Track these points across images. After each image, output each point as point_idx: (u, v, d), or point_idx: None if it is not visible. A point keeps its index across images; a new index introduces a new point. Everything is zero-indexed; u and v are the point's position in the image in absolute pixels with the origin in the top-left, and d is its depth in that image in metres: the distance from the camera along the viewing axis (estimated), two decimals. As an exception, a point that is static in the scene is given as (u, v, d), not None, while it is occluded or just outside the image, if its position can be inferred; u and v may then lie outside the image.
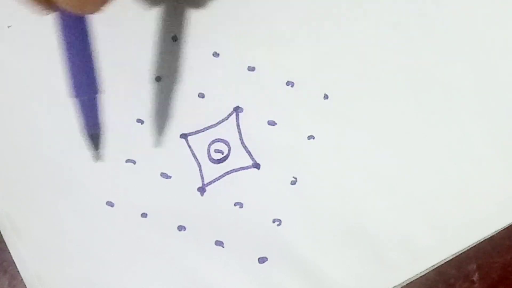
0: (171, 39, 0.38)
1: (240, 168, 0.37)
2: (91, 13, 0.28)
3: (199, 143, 0.37)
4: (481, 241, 0.37)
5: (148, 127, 0.37)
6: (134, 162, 0.37)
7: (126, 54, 0.38)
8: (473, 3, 0.38)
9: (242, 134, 0.37)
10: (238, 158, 0.37)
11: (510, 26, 0.38)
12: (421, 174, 0.37)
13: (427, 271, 0.36)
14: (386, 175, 0.37)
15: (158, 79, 0.38)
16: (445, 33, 0.38)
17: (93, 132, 0.31)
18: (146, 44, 0.38)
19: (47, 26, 0.38)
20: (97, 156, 0.33)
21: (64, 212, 0.36)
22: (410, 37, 0.38)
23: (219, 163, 0.37)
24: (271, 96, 0.38)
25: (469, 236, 0.36)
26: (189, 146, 0.37)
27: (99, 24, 0.38)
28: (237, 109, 0.37)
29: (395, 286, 0.36)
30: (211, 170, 0.37)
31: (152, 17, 0.38)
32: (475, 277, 0.37)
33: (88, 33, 0.29)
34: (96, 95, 0.30)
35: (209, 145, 0.37)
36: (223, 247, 0.36)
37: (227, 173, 0.37)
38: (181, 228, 0.36)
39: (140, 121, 0.37)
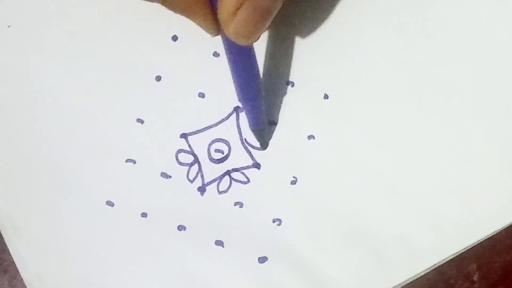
0: (171, 39, 0.38)
1: (240, 168, 0.37)
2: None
3: (199, 143, 0.37)
4: (481, 241, 0.37)
5: (148, 127, 0.37)
6: (134, 162, 0.37)
7: (126, 54, 0.38)
8: (473, 3, 0.38)
9: (242, 134, 0.37)
10: (238, 158, 0.37)
11: (510, 26, 0.38)
12: (421, 174, 0.37)
13: (427, 271, 0.36)
14: (386, 175, 0.37)
15: (158, 78, 0.38)
16: (445, 33, 0.38)
17: (259, 128, 0.36)
18: (146, 44, 0.38)
19: (47, 26, 0.38)
20: (264, 145, 0.37)
21: (64, 212, 0.36)
22: (410, 37, 0.38)
23: (219, 163, 0.37)
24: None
25: (469, 236, 0.36)
26: (189, 146, 0.37)
27: (99, 24, 0.38)
28: (237, 109, 0.37)
29: (395, 286, 0.36)
30: (211, 170, 0.37)
31: (152, 17, 0.38)
32: (475, 277, 0.37)
33: (252, 49, 0.32)
34: (260, 100, 0.35)
35: (209, 145, 0.37)
36: (223, 247, 0.36)
37: (227, 173, 0.37)
38: (181, 228, 0.36)
39: (140, 121, 0.37)
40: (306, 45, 0.38)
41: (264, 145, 0.37)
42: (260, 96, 0.35)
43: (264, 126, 0.36)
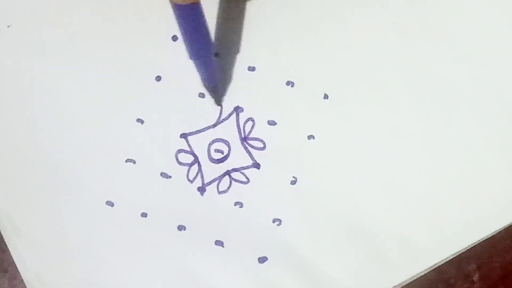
0: (171, 39, 0.38)
1: (240, 167, 0.37)
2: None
3: (199, 143, 0.37)
4: (481, 241, 0.37)
5: (148, 127, 0.37)
6: (134, 162, 0.37)
7: (126, 54, 0.38)
8: (473, 3, 0.38)
9: (242, 134, 0.37)
10: (238, 158, 0.37)
11: (510, 27, 0.38)
12: (421, 174, 0.37)
13: (427, 271, 0.36)
14: (386, 175, 0.37)
15: (158, 78, 0.38)
16: (445, 33, 0.38)
17: (212, 85, 0.37)
18: (146, 44, 0.38)
19: (47, 26, 0.38)
20: (218, 102, 0.38)
21: (64, 212, 0.36)
22: (410, 37, 0.38)
23: (219, 163, 0.37)
24: (271, 96, 0.38)
25: (469, 236, 0.36)
26: (189, 146, 0.37)
27: (99, 24, 0.38)
28: (237, 109, 0.37)
29: (395, 286, 0.36)
30: (211, 170, 0.37)
31: (152, 17, 0.38)
32: (475, 277, 0.37)
33: (201, 8, 0.33)
34: (211, 55, 0.35)
35: (209, 145, 0.37)
36: (223, 246, 0.36)
37: (227, 173, 0.37)
38: (181, 227, 0.36)
39: (140, 121, 0.37)
40: (306, 45, 0.38)
41: (218, 102, 0.37)
42: (211, 52, 0.35)
43: (216, 82, 0.37)
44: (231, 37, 0.38)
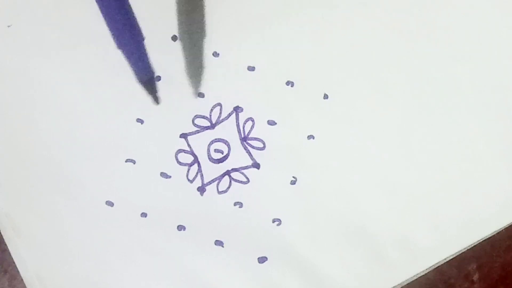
0: (171, 39, 0.38)
1: (240, 167, 0.37)
2: None
3: (199, 143, 0.37)
4: (481, 241, 0.37)
5: (148, 127, 0.37)
6: (134, 162, 0.37)
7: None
8: (474, 3, 0.38)
9: (242, 134, 0.37)
10: (238, 158, 0.37)
11: (510, 26, 0.38)
12: (421, 174, 0.37)
13: (427, 271, 0.36)
14: (386, 175, 0.37)
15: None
16: (445, 33, 0.38)
17: (146, 78, 0.34)
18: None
19: (47, 26, 0.38)
20: (156, 100, 0.36)
21: (64, 211, 0.36)
22: (410, 37, 0.38)
23: (219, 163, 0.37)
24: (271, 96, 0.38)
25: (469, 236, 0.36)
26: (189, 146, 0.37)
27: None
28: (237, 109, 0.37)
29: (395, 286, 0.36)
30: (211, 170, 0.37)
31: (152, 17, 0.38)
32: (475, 277, 0.37)
33: None
34: (141, 42, 0.33)
35: (209, 145, 0.37)
36: (223, 246, 0.36)
37: (227, 173, 0.37)
38: (181, 227, 0.36)
39: (140, 121, 0.37)
40: (306, 45, 0.38)
41: (156, 99, 0.36)
42: (139, 38, 0.34)
43: (151, 75, 0.35)
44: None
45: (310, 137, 0.37)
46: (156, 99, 0.36)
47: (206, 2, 0.38)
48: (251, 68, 0.38)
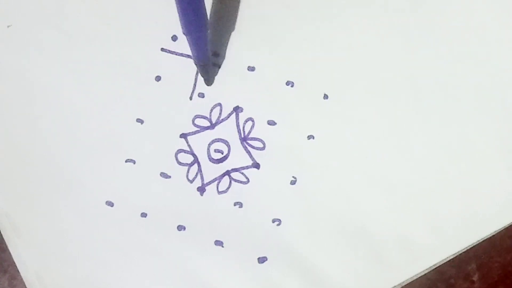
0: (171, 39, 0.38)
1: (240, 168, 0.37)
2: None
3: (199, 143, 0.37)
4: (481, 241, 0.37)
5: (148, 127, 0.37)
6: (134, 162, 0.37)
7: (126, 54, 0.38)
8: (474, 3, 0.38)
9: (242, 134, 0.37)
10: (238, 158, 0.37)
11: (510, 26, 0.38)
12: (421, 174, 0.37)
13: (427, 271, 0.36)
14: (386, 175, 0.37)
15: (158, 78, 0.38)
16: (445, 33, 0.38)
17: (204, 63, 0.36)
18: (145, 44, 0.38)
19: (47, 26, 0.38)
20: (209, 81, 0.37)
21: (64, 212, 0.36)
22: (410, 37, 0.38)
23: (219, 163, 0.37)
24: (271, 96, 0.38)
25: (469, 236, 0.36)
26: (189, 146, 0.37)
27: (99, 24, 0.38)
28: (236, 109, 0.37)
29: (395, 286, 0.36)
30: (211, 170, 0.37)
31: (152, 17, 0.38)
32: (475, 277, 0.37)
33: None
34: (205, 32, 0.35)
35: (209, 145, 0.37)
36: (223, 246, 0.36)
37: (227, 173, 0.37)
38: (180, 227, 0.36)
39: (140, 121, 0.37)
40: (306, 45, 0.38)
41: (208, 81, 0.37)
42: (205, 28, 0.35)
43: (209, 60, 0.36)
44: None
45: (310, 137, 0.37)
46: (209, 81, 0.37)
47: (206, 2, 0.38)
48: (251, 68, 0.38)
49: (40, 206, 0.36)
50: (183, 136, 0.37)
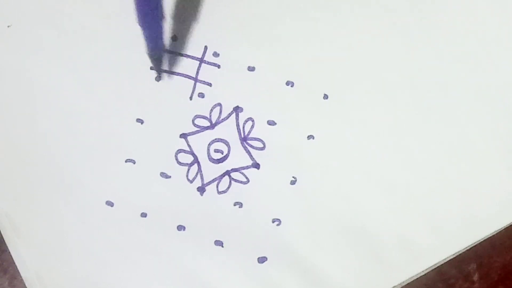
0: (171, 39, 0.38)
1: (240, 168, 0.37)
2: None
3: (199, 143, 0.37)
4: (481, 241, 0.37)
5: (148, 127, 0.37)
6: (134, 162, 0.37)
7: (126, 54, 0.38)
8: (474, 3, 0.38)
9: (242, 134, 0.37)
10: (238, 158, 0.37)
11: (510, 26, 0.38)
12: (421, 174, 0.37)
13: (427, 271, 0.36)
14: (386, 175, 0.37)
15: (158, 78, 0.38)
16: (445, 33, 0.38)
17: (157, 55, 0.36)
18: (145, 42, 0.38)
19: (47, 26, 0.38)
20: (158, 77, 0.37)
21: (64, 211, 0.36)
22: (410, 37, 0.38)
23: (219, 163, 0.37)
24: (271, 96, 0.38)
25: (469, 236, 0.36)
26: (189, 146, 0.37)
27: (99, 24, 0.38)
28: (237, 109, 0.37)
29: (395, 286, 0.36)
30: (211, 170, 0.37)
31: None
32: (475, 277, 0.37)
33: None
34: (160, 22, 0.35)
35: (209, 145, 0.37)
36: (223, 246, 0.36)
37: (227, 173, 0.37)
38: (180, 228, 0.36)
39: (140, 121, 0.37)
40: (306, 45, 0.38)
41: (158, 78, 0.37)
42: (161, 18, 0.35)
43: (162, 51, 0.37)
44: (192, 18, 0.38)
45: (310, 137, 0.37)
46: (158, 77, 0.37)
47: (206, 2, 0.38)
48: (251, 68, 0.38)
49: (40, 206, 0.36)
50: (183, 136, 0.37)
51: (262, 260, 0.36)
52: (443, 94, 0.38)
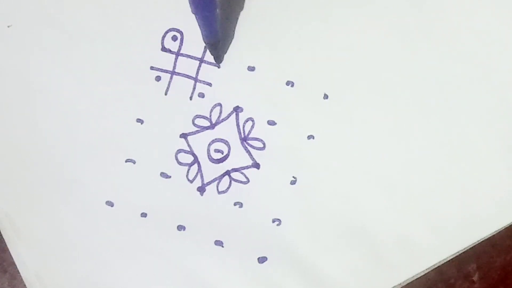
0: (171, 39, 0.38)
1: (240, 167, 0.37)
2: None
3: (199, 143, 0.37)
4: (481, 241, 0.37)
5: (148, 127, 0.37)
6: (134, 162, 0.37)
7: (126, 54, 0.38)
8: (473, 3, 0.38)
9: (242, 134, 0.37)
10: (238, 158, 0.37)
11: (510, 26, 0.38)
12: (421, 174, 0.37)
13: (427, 271, 0.36)
14: (386, 175, 0.37)
15: (158, 79, 0.38)
16: (445, 33, 0.38)
17: (212, 41, 0.36)
18: (146, 44, 0.38)
19: (47, 26, 0.38)
20: (219, 60, 0.37)
21: (64, 212, 0.36)
22: (410, 38, 0.38)
23: (219, 162, 0.37)
24: (271, 96, 0.38)
25: (469, 236, 0.36)
26: (189, 146, 0.37)
27: (99, 24, 0.38)
28: (237, 109, 0.37)
29: (395, 286, 0.36)
30: (211, 170, 0.37)
31: (152, 16, 0.38)
32: (475, 277, 0.37)
33: None
34: (214, 11, 0.35)
35: (209, 144, 0.37)
36: (223, 246, 0.36)
37: (227, 173, 0.37)
38: (180, 227, 0.36)
39: (140, 121, 0.37)
40: (306, 45, 0.38)
41: (218, 60, 0.37)
42: (214, 7, 0.35)
43: (218, 39, 0.36)
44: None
45: (310, 137, 0.37)
46: (218, 59, 0.37)
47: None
48: (251, 68, 0.38)
49: (40, 206, 0.36)
50: (183, 136, 0.37)
51: (262, 260, 0.36)
52: (443, 94, 0.38)
